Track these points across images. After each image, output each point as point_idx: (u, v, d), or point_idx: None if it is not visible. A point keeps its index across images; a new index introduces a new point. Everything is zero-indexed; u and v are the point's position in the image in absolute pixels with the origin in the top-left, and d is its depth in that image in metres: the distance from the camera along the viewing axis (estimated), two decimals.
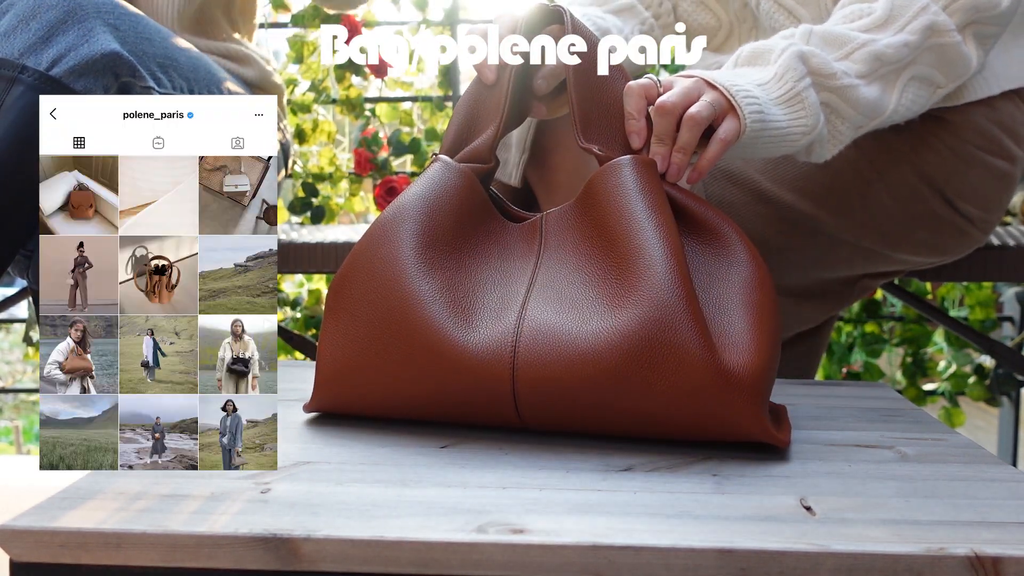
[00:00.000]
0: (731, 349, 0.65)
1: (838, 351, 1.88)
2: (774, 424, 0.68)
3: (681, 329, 0.63)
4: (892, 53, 0.83)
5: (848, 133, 0.83)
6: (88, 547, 0.50)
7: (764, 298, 0.69)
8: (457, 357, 0.66)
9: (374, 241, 0.72)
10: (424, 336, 0.67)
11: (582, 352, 0.64)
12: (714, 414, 0.64)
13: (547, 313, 0.68)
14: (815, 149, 0.82)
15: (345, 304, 0.71)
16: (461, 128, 0.80)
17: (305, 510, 0.54)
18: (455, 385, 0.67)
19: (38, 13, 0.93)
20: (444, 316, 0.67)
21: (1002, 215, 1.06)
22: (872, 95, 0.82)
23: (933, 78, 0.87)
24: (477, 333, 0.67)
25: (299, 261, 1.36)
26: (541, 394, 0.66)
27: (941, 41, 0.85)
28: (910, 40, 0.83)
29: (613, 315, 0.65)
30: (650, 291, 0.65)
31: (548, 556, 0.50)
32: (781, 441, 0.66)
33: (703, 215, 0.73)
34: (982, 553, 0.49)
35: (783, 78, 0.78)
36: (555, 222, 0.75)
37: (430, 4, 1.82)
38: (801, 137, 0.79)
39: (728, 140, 0.74)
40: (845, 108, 0.81)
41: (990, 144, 0.99)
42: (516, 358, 0.66)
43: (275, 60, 1.59)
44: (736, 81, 0.76)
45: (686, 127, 0.73)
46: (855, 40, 0.82)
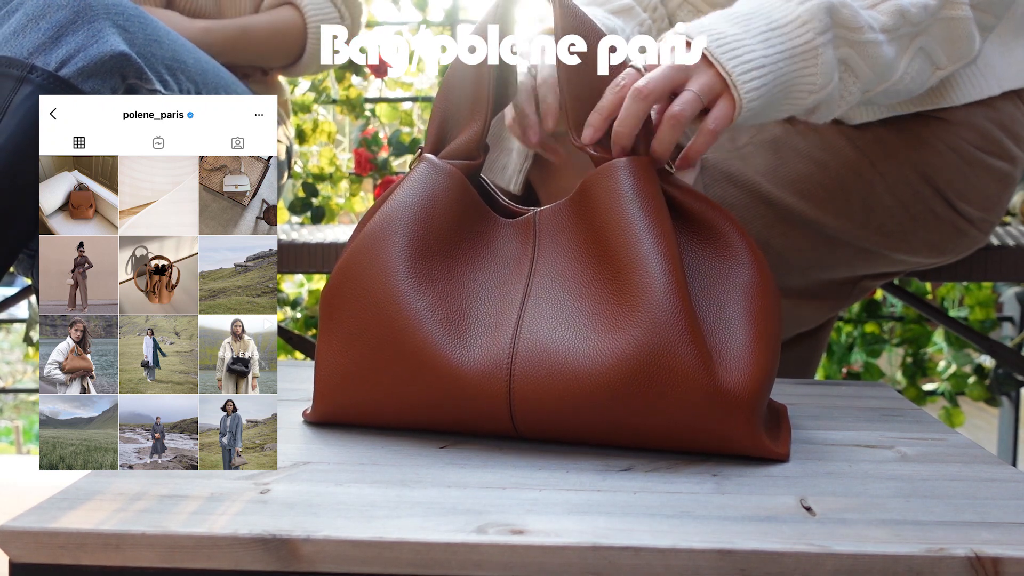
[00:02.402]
0: (730, 366, 0.64)
1: (838, 351, 1.88)
2: (772, 434, 0.68)
3: (679, 351, 0.62)
4: (915, 12, 0.80)
5: (856, 95, 0.80)
6: (87, 548, 0.50)
7: (765, 302, 0.68)
8: (453, 376, 0.66)
9: (365, 253, 0.70)
10: (420, 356, 0.66)
11: (579, 373, 0.64)
12: (711, 433, 0.64)
13: (543, 329, 0.66)
14: (821, 109, 0.79)
15: (339, 318, 0.70)
16: (443, 123, 0.78)
17: (305, 511, 0.54)
18: (452, 403, 0.67)
19: (47, 13, 0.93)
20: (439, 333, 0.66)
21: (1002, 215, 1.07)
22: (889, 55, 0.79)
23: (935, 56, 0.86)
24: (473, 351, 0.66)
25: (299, 261, 1.36)
26: (538, 412, 0.65)
27: (954, 14, 0.84)
28: (929, 3, 0.81)
29: (611, 335, 0.64)
30: (648, 311, 0.63)
31: (548, 556, 0.50)
32: (779, 455, 0.66)
33: (704, 214, 0.71)
34: (982, 553, 0.49)
35: (805, 25, 0.73)
36: (548, 222, 0.73)
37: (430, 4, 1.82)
38: (807, 96, 0.75)
39: (718, 130, 0.71)
40: (862, 67, 0.78)
41: (990, 145, 0.99)
42: (512, 377, 0.65)
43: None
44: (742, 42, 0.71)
45: (667, 125, 0.70)
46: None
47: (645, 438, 0.65)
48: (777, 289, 0.70)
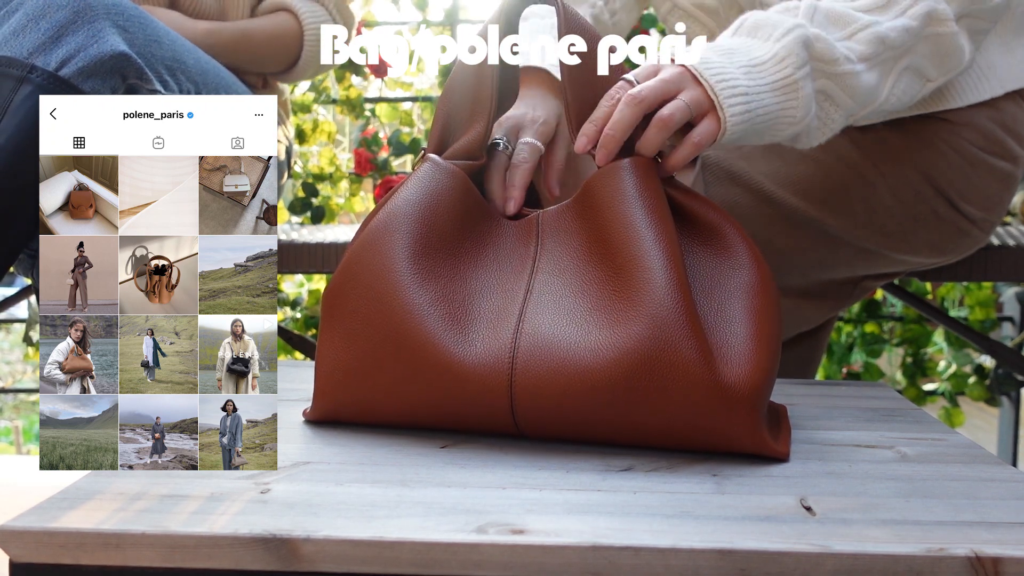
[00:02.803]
0: (731, 361, 0.64)
1: (838, 351, 1.88)
2: (773, 433, 0.68)
3: (680, 346, 0.63)
4: (895, 37, 0.81)
5: (840, 121, 0.81)
6: (87, 547, 0.50)
7: (766, 302, 0.68)
8: (455, 371, 0.66)
9: (367, 250, 0.70)
10: (421, 350, 0.66)
11: (581, 368, 0.64)
12: (713, 429, 0.64)
13: (545, 324, 0.67)
14: (801, 138, 0.80)
15: (340, 315, 0.70)
16: (446, 124, 0.78)
17: (305, 510, 0.54)
18: (453, 398, 0.67)
19: (48, 13, 0.93)
20: (441, 329, 0.67)
21: (1004, 214, 1.06)
22: (869, 82, 0.81)
23: (925, 71, 0.86)
24: (474, 346, 0.66)
25: (299, 261, 1.36)
26: (539, 408, 0.65)
27: (939, 31, 0.84)
28: (911, 25, 0.82)
29: (612, 330, 0.64)
30: (650, 306, 0.64)
31: (548, 556, 0.50)
32: (780, 453, 0.66)
33: (705, 216, 0.71)
34: (982, 553, 0.49)
35: (783, 62, 0.76)
36: (551, 222, 0.73)
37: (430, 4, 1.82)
38: (788, 127, 0.77)
39: (702, 144, 0.72)
40: (841, 96, 0.80)
41: (993, 145, 0.99)
42: (514, 372, 0.65)
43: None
44: (727, 70, 0.74)
45: (655, 127, 0.71)
46: (859, 20, 0.81)
47: (647, 434, 0.65)
48: (777, 290, 0.70)
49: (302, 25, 1.29)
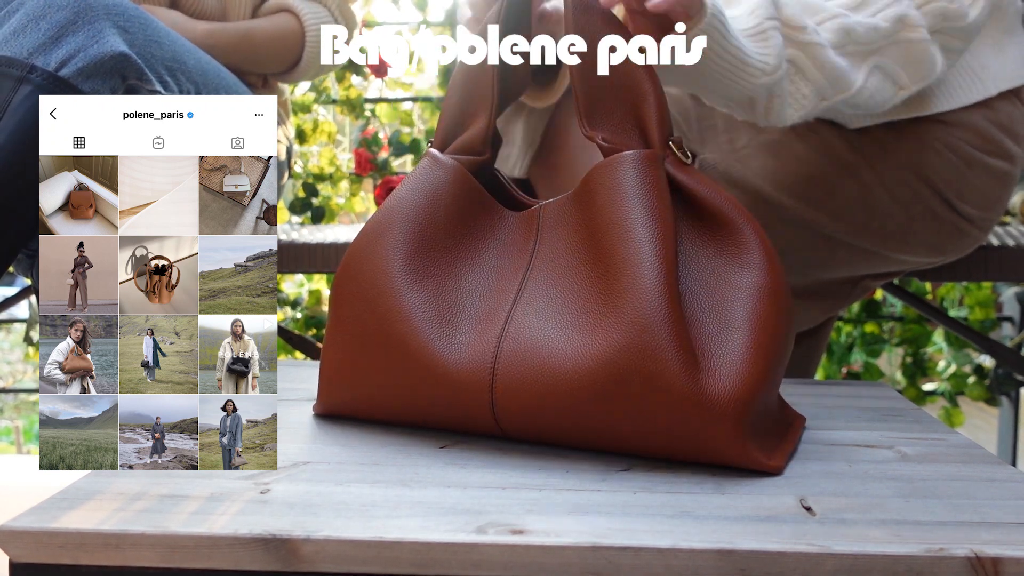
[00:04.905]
0: (719, 371, 0.61)
1: (838, 351, 1.88)
2: (768, 445, 0.65)
3: (662, 355, 0.60)
4: (862, 32, 0.82)
5: (812, 98, 0.81)
6: (87, 548, 0.50)
7: (771, 308, 0.64)
8: (439, 371, 0.66)
9: (365, 246, 0.71)
10: (405, 349, 0.67)
11: (559, 373, 0.63)
12: (693, 441, 0.62)
13: (530, 327, 0.66)
14: (775, 105, 0.79)
15: (340, 307, 0.72)
16: (452, 119, 0.78)
17: (305, 510, 0.54)
18: (437, 397, 0.67)
19: (48, 13, 0.93)
20: (429, 329, 0.67)
21: (1002, 213, 1.07)
22: (839, 64, 0.81)
23: (897, 77, 0.87)
24: (460, 347, 0.66)
25: (299, 261, 1.36)
26: (519, 411, 0.65)
27: (910, 36, 0.85)
28: (880, 26, 0.83)
29: (594, 336, 0.63)
30: (634, 312, 0.61)
31: (548, 556, 0.50)
32: (769, 468, 0.62)
33: (719, 210, 0.67)
34: (982, 553, 0.49)
35: (754, 13, 0.78)
36: (552, 214, 0.72)
37: (430, 4, 1.82)
38: (760, 75, 0.77)
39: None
40: (810, 68, 0.79)
41: (989, 145, 0.99)
42: (495, 375, 0.65)
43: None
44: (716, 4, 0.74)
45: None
46: (827, 10, 0.82)
47: (628, 443, 0.64)
48: (789, 297, 0.66)
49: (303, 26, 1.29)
